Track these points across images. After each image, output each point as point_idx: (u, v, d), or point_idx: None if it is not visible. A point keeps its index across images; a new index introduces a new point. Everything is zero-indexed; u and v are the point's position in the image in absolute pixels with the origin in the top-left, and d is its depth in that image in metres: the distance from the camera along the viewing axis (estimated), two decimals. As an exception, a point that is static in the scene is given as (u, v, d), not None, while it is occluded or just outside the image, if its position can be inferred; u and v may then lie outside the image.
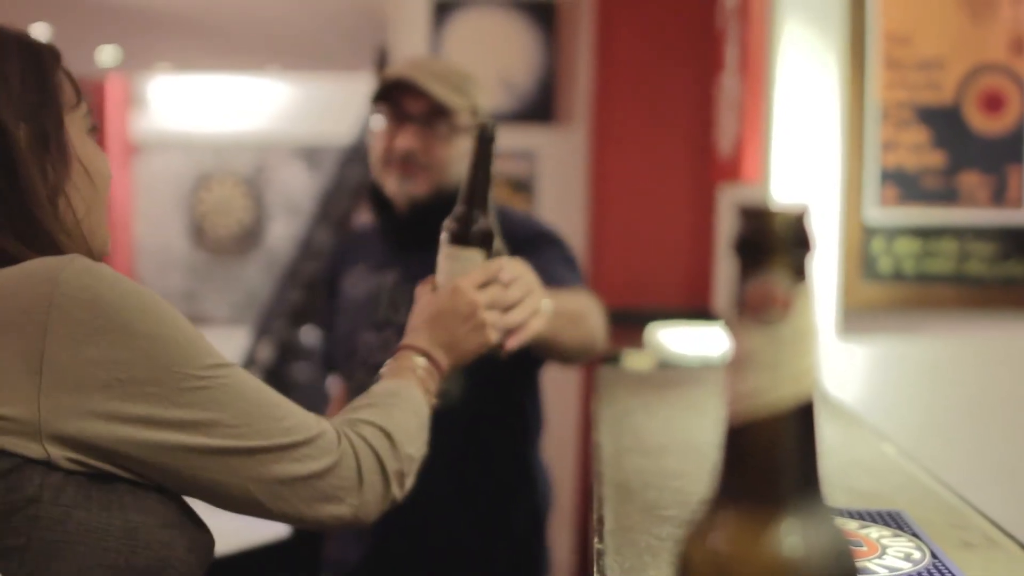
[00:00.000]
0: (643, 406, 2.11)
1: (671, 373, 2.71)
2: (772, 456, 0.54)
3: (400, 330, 1.99)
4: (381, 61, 5.60)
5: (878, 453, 1.79)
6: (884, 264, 2.77)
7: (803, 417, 0.54)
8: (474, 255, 1.63)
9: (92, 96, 8.17)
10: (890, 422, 2.59)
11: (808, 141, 2.83)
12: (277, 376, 9.00)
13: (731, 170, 3.50)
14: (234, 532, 2.20)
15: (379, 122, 2.25)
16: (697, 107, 4.10)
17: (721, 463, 0.57)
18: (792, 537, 0.55)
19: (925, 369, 2.80)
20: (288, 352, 9.30)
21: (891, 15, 2.77)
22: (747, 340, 0.54)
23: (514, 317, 1.64)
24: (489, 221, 1.65)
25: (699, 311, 4.00)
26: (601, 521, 1.32)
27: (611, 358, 3.16)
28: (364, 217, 9.73)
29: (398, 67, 2.24)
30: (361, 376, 2.23)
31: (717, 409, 2.17)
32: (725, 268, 3.61)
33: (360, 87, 8.84)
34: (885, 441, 1.88)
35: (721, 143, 3.80)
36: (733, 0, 3.59)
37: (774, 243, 0.53)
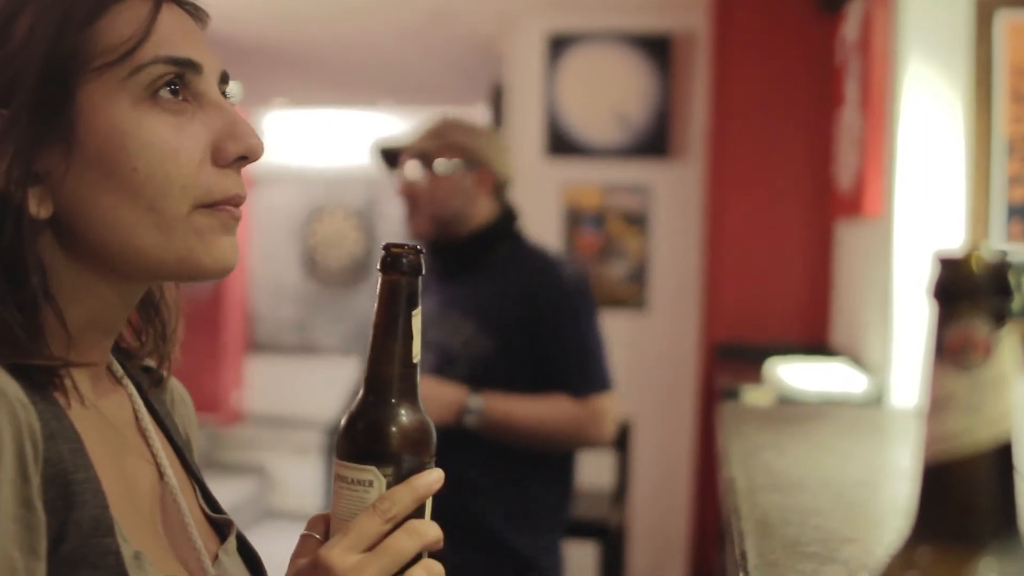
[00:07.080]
0: (772, 443, 2.11)
1: (794, 409, 2.70)
2: (971, 496, 0.56)
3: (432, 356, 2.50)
4: (495, 96, 5.67)
5: None
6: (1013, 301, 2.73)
7: (1002, 458, 0.56)
8: (372, 477, 0.92)
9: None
10: None
11: (932, 176, 2.81)
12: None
13: (851, 205, 3.48)
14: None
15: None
16: (815, 141, 4.08)
17: (918, 502, 0.58)
18: (990, 575, 0.56)
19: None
20: (396, 382, 9.38)
21: (1017, 48, 2.74)
22: (947, 384, 0.56)
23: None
24: (407, 420, 0.94)
25: (816, 346, 3.98)
26: (744, 556, 1.33)
27: (731, 393, 3.17)
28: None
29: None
30: None
31: (846, 447, 2.16)
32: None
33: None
34: None
35: (840, 178, 3.78)
36: (853, 35, 3.57)
37: (975, 290, 0.55)
